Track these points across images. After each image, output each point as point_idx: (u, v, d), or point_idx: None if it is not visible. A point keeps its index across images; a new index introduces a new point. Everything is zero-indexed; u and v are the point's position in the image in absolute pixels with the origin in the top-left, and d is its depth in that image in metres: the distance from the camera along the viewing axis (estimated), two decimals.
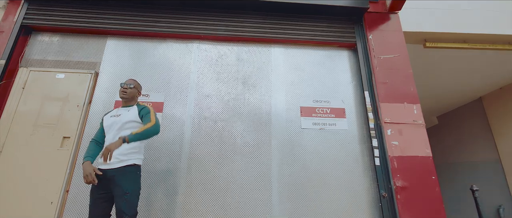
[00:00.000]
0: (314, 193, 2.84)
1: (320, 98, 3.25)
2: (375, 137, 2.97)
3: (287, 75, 3.36)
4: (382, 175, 2.82)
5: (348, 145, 3.03)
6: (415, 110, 3.00)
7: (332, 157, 2.99)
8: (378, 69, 3.27)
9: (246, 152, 2.97)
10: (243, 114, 3.15)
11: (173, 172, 2.86)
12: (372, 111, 3.09)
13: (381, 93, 3.13)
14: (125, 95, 2.26)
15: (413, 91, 3.10)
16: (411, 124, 2.93)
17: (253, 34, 3.46)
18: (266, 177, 2.89)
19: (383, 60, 3.32)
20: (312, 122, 3.12)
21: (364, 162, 2.97)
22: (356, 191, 2.85)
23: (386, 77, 3.21)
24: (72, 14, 3.43)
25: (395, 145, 2.85)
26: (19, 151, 2.90)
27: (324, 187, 2.86)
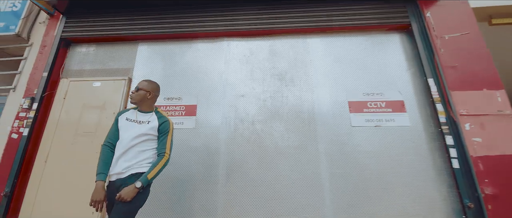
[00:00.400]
0: (375, 202, 2.38)
1: (371, 90, 2.79)
2: (449, 133, 2.41)
3: (329, 68, 2.96)
4: (463, 180, 2.26)
5: (412, 144, 2.52)
6: (499, 97, 2.39)
7: (394, 159, 2.50)
8: (443, 51, 2.72)
9: (290, 155, 2.63)
10: (282, 113, 2.81)
11: (210, 181, 2.62)
12: (441, 102, 2.53)
13: (450, 80, 2.57)
14: (131, 100, 1.96)
15: (494, 75, 2.49)
16: (495, 115, 2.34)
17: (287, 25, 3.13)
18: (316, 183, 2.51)
19: (448, 41, 2.76)
20: (365, 119, 2.67)
21: (436, 165, 2.43)
22: (429, 199, 2.32)
23: (455, 59, 2.64)
24: (105, 24, 3.44)
25: (478, 142, 2.28)
26: (62, 160, 2.92)
27: (386, 194, 2.39)
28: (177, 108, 2.99)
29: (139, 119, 1.89)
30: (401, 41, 3.04)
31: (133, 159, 1.75)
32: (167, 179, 2.67)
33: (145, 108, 1.96)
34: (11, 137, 2.95)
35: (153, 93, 1.98)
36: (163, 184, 2.65)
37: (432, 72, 2.68)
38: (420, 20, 2.96)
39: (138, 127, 1.84)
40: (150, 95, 1.96)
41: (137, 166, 1.74)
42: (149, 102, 1.97)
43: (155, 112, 1.97)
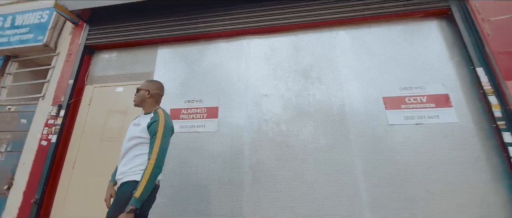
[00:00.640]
0: (420, 209, 2.11)
1: (409, 84, 2.51)
2: (506, 129, 2.08)
3: (359, 62, 2.72)
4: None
5: (462, 143, 2.22)
6: None
7: (440, 161, 2.21)
8: (491, 36, 2.38)
9: (321, 158, 2.42)
10: (309, 113, 2.62)
11: (235, 186, 2.49)
12: (495, 94, 2.21)
13: (504, 68, 2.23)
14: (134, 103, 1.86)
15: None
16: None
17: (310, 18, 2.93)
18: (351, 188, 2.28)
19: (497, 23, 2.41)
20: (404, 116, 2.40)
21: (492, 166, 2.10)
22: (486, 205, 2.01)
23: (508, 45, 2.30)
24: (125, 29, 3.45)
25: None
26: (89, 165, 2.93)
27: (432, 201, 2.11)
28: (198, 110, 2.90)
29: (140, 121, 1.76)
30: (440, 27, 2.72)
31: (128, 164, 1.60)
32: (190, 184, 2.57)
33: (147, 109, 1.81)
34: (41, 144, 3.02)
35: (152, 92, 1.82)
36: (186, 189, 2.56)
37: (480, 60, 2.35)
38: (461, 3, 2.63)
39: (133, 130, 1.70)
40: (149, 94, 1.81)
41: (130, 173, 1.58)
42: (149, 102, 1.82)
43: (154, 112, 1.76)
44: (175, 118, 2.92)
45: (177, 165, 2.69)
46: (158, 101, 1.87)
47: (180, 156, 2.73)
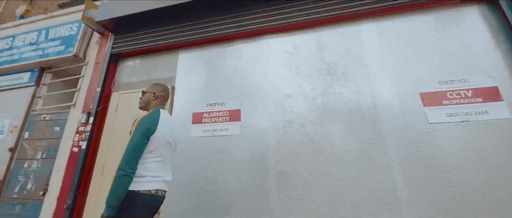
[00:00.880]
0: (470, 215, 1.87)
1: (450, 77, 2.26)
2: None
3: (389, 56, 2.51)
4: None
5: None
6: None
7: (492, 164, 1.95)
8: None
9: (353, 161, 2.25)
10: (337, 112, 2.45)
11: (261, 193, 2.39)
12: None
13: None
14: (139, 105, 1.81)
15: None
16: None
17: (332, 13, 2.77)
18: (389, 194, 2.08)
19: None
20: (446, 113, 2.16)
21: None
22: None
23: None
24: (147, 36, 3.51)
25: None
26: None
27: (484, 210, 1.86)
28: (221, 114, 2.85)
29: None
30: (481, 13, 2.44)
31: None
32: (214, 191, 2.51)
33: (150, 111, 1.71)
34: (72, 151, 3.14)
35: (158, 94, 1.75)
36: (210, 196, 2.50)
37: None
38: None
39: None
40: (155, 96, 1.74)
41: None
42: (154, 104, 1.75)
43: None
44: (198, 122, 2.90)
45: (202, 170, 2.65)
46: (163, 103, 1.79)
47: (203, 161, 2.69)
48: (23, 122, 3.78)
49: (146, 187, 1.41)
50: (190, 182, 2.62)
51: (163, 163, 1.55)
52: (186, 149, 2.80)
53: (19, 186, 3.30)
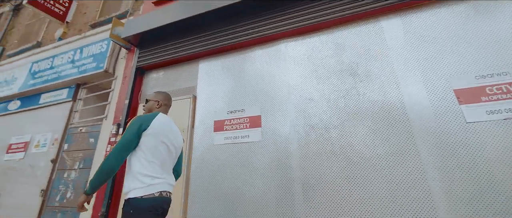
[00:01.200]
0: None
1: (489, 71, 2.05)
2: None
3: (416, 51, 2.35)
4: None
5: None
6: None
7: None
8: None
9: (383, 166, 2.12)
10: (362, 114, 2.34)
11: (285, 202, 2.34)
12: None
13: None
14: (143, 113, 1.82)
15: None
16: None
17: (349, 11, 2.67)
18: (424, 202, 1.93)
19: None
20: (486, 110, 1.96)
21: None
22: None
23: None
24: (169, 48, 3.66)
25: None
26: None
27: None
28: (241, 120, 2.87)
29: None
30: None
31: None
32: (236, 199, 2.52)
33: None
34: None
35: (162, 102, 1.81)
36: (232, 205, 2.51)
37: None
38: None
39: None
40: (159, 104, 1.79)
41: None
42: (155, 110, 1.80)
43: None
44: (219, 130, 2.94)
45: (223, 177, 2.68)
46: (166, 111, 1.84)
47: (226, 168, 2.71)
48: (63, 135, 4.13)
49: (149, 191, 1.43)
50: (213, 189, 2.66)
51: (162, 166, 1.55)
52: (208, 157, 2.85)
53: (60, 195, 3.59)
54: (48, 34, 5.88)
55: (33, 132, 4.50)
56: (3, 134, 4.89)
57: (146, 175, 1.45)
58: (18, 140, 4.57)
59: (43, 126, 4.47)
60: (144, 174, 1.45)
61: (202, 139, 2.99)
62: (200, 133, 3.04)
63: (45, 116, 4.59)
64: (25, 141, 4.47)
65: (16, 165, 4.35)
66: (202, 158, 2.88)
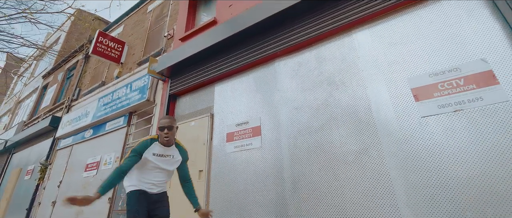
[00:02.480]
0: (466, 211, 1.94)
1: (441, 68, 2.36)
2: None
3: (380, 57, 2.76)
4: None
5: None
6: None
7: (491, 152, 1.98)
8: None
9: (353, 161, 2.58)
10: (337, 118, 2.83)
11: (279, 195, 2.94)
12: None
13: None
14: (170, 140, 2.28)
15: None
16: None
17: (328, 28, 3.19)
18: (386, 190, 2.32)
19: None
20: (437, 105, 2.28)
21: None
22: None
23: None
24: (192, 76, 4.66)
25: None
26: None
27: (477, 201, 1.90)
28: (246, 131, 3.58)
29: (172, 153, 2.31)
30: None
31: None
32: (243, 197, 3.20)
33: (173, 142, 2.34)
34: None
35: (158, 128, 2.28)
36: (241, 201, 3.20)
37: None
38: None
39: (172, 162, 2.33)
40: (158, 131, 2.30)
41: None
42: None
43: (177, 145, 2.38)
44: (230, 140, 3.70)
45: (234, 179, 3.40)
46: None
47: (235, 171, 3.43)
48: (122, 154, 5.44)
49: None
50: (227, 190, 3.40)
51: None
52: (224, 165, 3.61)
53: (121, 201, 4.79)
54: (109, 74, 7.63)
55: (102, 153, 5.99)
56: (82, 157, 6.56)
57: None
58: (92, 160, 6.12)
59: (108, 148, 5.92)
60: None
61: (218, 151, 3.78)
62: (217, 145, 3.85)
63: (109, 139, 6.06)
64: (96, 161, 5.97)
65: (91, 180, 5.84)
66: (218, 164, 3.66)
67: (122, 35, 8.38)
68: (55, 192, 6.62)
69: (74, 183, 6.26)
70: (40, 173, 7.41)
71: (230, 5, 4.93)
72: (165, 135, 2.21)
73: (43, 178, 7.35)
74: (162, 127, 2.22)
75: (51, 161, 7.63)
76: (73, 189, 6.15)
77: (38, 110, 11.03)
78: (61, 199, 6.35)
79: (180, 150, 2.38)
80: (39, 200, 7.10)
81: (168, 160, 2.27)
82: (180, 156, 2.36)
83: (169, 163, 2.27)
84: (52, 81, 11.45)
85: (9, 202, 8.72)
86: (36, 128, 8.79)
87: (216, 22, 4.98)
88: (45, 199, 6.88)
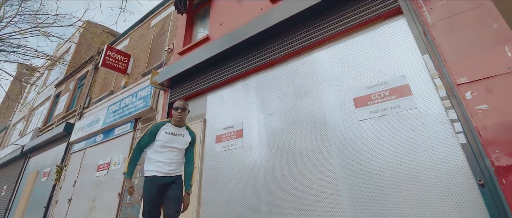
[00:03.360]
0: (386, 189, 2.61)
1: (374, 82, 3.03)
2: (451, 107, 2.37)
3: (333, 72, 3.44)
4: (473, 155, 2.18)
5: (424, 127, 2.57)
6: (509, 51, 2.15)
7: (403, 146, 2.64)
8: (433, 21, 2.68)
9: (310, 158, 3.26)
10: (300, 123, 3.52)
11: (255, 186, 3.65)
12: (439, 76, 2.51)
13: (445, 49, 2.52)
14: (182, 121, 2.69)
15: (500, 27, 2.25)
16: (505, 74, 2.13)
17: (295, 47, 3.89)
18: (332, 180, 3.00)
19: (440, 9, 2.69)
20: (369, 111, 2.96)
21: (446, 142, 2.39)
22: (445, 184, 2.33)
23: (448, 27, 2.56)
24: (187, 86, 5.41)
25: (484, 110, 2.16)
26: None
27: (399, 184, 2.57)
28: (231, 134, 4.30)
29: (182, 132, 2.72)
30: (400, 25, 3.09)
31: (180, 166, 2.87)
32: (232, 187, 3.91)
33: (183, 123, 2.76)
34: None
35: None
36: (229, 191, 3.91)
37: (427, 47, 2.67)
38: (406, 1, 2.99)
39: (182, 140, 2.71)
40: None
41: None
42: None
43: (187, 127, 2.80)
44: (219, 141, 4.42)
45: (225, 174, 4.12)
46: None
47: (223, 167, 4.15)
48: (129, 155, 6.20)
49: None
50: (216, 181, 4.11)
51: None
52: (214, 162, 4.34)
53: (129, 196, 5.55)
54: (117, 84, 8.47)
55: (112, 155, 6.79)
56: (94, 159, 7.38)
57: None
58: (103, 161, 6.93)
59: (117, 150, 6.71)
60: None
61: (209, 152, 4.50)
62: (208, 145, 4.57)
63: (118, 143, 6.86)
64: (107, 162, 6.78)
65: (103, 179, 6.64)
66: (209, 161, 4.38)
67: (128, 47, 9.24)
68: (70, 191, 7.46)
69: (88, 182, 7.08)
70: (56, 174, 8.27)
71: (221, 23, 5.69)
72: (178, 114, 2.61)
73: (59, 178, 8.21)
74: (176, 107, 2.62)
75: (66, 163, 8.50)
76: (87, 187, 6.97)
77: (52, 117, 11.99)
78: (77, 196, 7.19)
79: (190, 132, 2.79)
80: (56, 198, 7.96)
81: (179, 139, 2.63)
82: (190, 136, 2.77)
83: (179, 141, 2.64)
84: (64, 90, 12.42)
85: (27, 202, 9.63)
86: (51, 134, 9.70)
87: (209, 38, 5.74)
88: (62, 197, 7.73)
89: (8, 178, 12.89)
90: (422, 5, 2.83)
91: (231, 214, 3.73)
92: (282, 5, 4.04)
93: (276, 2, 4.61)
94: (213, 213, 3.97)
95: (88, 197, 6.75)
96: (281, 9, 4.02)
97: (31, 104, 16.57)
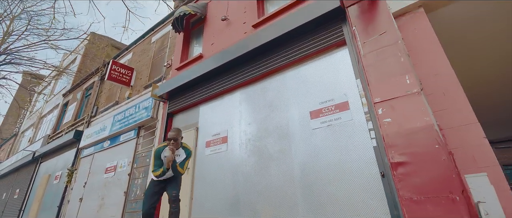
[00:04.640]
0: (328, 184, 3.46)
1: (325, 99, 3.90)
2: (369, 119, 3.23)
3: (297, 90, 4.31)
4: (380, 155, 3.03)
5: (355, 134, 3.43)
6: (408, 79, 3.00)
7: (341, 149, 3.50)
8: (364, 53, 3.52)
9: (277, 159, 4.12)
10: (271, 130, 4.38)
11: (237, 183, 4.52)
12: (365, 96, 3.37)
13: (370, 75, 3.36)
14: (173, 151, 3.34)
15: (404, 62, 3.11)
16: (403, 97, 2.98)
17: (269, 68, 4.77)
18: (291, 177, 3.86)
19: (370, 43, 3.53)
20: (320, 122, 3.82)
21: (366, 146, 3.25)
22: (363, 176, 3.18)
23: (374, 58, 3.41)
24: (183, 99, 6.30)
25: (388, 122, 3.01)
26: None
27: (336, 178, 3.42)
28: (218, 140, 5.17)
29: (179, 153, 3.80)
30: (344, 55, 3.96)
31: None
32: (218, 185, 4.79)
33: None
34: None
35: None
36: (217, 189, 4.79)
37: (360, 73, 3.54)
38: (350, 33, 3.86)
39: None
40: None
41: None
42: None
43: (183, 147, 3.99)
44: (208, 146, 5.29)
45: (211, 173, 4.99)
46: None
47: (211, 169, 5.02)
48: (133, 159, 7.12)
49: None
50: (205, 179, 4.98)
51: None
52: (204, 164, 5.21)
53: (133, 193, 6.44)
54: (121, 95, 9.40)
55: (118, 159, 7.69)
56: (103, 162, 8.29)
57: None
58: (110, 164, 7.84)
59: (122, 155, 7.62)
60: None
61: (201, 156, 5.38)
62: (199, 149, 5.45)
63: (123, 148, 7.76)
64: (114, 165, 7.68)
65: (110, 179, 7.54)
66: (201, 165, 5.26)
67: (131, 61, 10.20)
68: (81, 191, 8.38)
69: (97, 183, 7.99)
70: (67, 177, 9.20)
71: (212, 43, 6.60)
72: (171, 144, 3.33)
73: (70, 181, 9.14)
74: (169, 138, 3.32)
75: (76, 167, 9.43)
76: (96, 187, 7.88)
77: (61, 125, 12.97)
78: (88, 196, 8.08)
79: (185, 150, 3.53)
80: (68, 198, 8.88)
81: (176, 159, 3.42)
82: (185, 154, 3.53)
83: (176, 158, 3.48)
84: (72, 100, 13.42)
85: (40, 203, 10.56)
86: (61, 140, 10.65)
87: (202, 56, 6.65)
88: (73, 197, 8.65)
89: (20, 182, 13.87)
90: (358, 40, 3.70)
91: (217, 207, 4.60)
92: (259, 33, 4.94)
93: (257, 27, 5.51)
94: (203, 205, 4.84)
95: (97, 196, 7.66)
96: (258, 37, 4.91)
97: (40, 112, 17.60)
